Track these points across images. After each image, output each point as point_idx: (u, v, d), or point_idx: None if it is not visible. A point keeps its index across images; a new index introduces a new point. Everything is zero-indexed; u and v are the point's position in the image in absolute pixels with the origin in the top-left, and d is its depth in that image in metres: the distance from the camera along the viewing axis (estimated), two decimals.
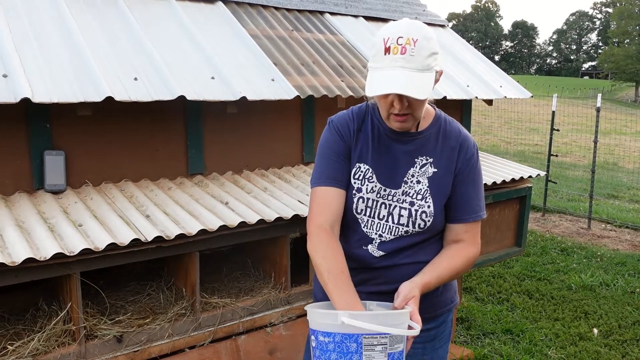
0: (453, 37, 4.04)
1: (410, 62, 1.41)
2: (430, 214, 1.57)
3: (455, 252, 1.61)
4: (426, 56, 1.42)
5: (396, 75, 1.41)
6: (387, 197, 1.59)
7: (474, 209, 1.61)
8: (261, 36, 2.90)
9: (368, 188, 1.59)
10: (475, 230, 1.64)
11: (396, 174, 1.59)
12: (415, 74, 1.41)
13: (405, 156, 1.60)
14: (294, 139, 2.94)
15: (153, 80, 2.22)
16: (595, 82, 60.24)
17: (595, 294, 4.74)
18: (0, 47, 2.05)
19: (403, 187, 1.59)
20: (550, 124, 7.40)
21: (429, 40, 1.42)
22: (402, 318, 1.37)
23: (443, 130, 1.63)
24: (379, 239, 1.61)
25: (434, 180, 1.59)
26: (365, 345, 1.31)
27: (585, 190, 8.29)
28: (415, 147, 1.60)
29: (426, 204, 1.57)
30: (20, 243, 1.76)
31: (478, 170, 1.63)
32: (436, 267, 1.57)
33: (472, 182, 1.61)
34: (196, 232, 2.02)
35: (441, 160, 1.60)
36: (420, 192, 1.58)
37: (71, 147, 2.27)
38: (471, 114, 3.69)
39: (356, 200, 1.60)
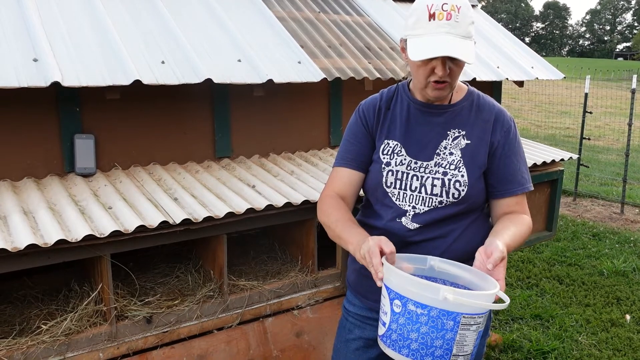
0: (483, 17, 3.95)
1: (456, 28, 1.44)
2: (464, 183, 1.57)
3: (516, 220, 1.58)
4: (469, 23, 1.46)
5: (444, 40, 1.43)
6: (418, 170, 1.59)
7: (520, 181, 1.62)
8: (288, 18, 2.87)
9: (397, 161, 1.61)
10: (524, 201, 1.64)
11: (428, 146, 1.61)
12: (460, 40, 1.45)
13: (437, 128, 1.61)
14: (321, 122, 2.92)
15: (180, 64, 2.22)
16: (629, 64, 58.52)
17: (628, 279, 4.64)
18: (31, 31, 2.07)
19: (435, 159, 1.59)
20: (583, 107, 7.21)
21: (469, 9, 1.47)
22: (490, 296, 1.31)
23: (476, 103, 1.63)
24: (412, 211, 1.60)
25: (467, 151, 1.59)
26: (462, 324, 1.27)
27: (618, 175, 8.09)
28: (448, 119, 1.61)
29: (459, 173, 1.57)
30: (52, 225, 1.79)
31: (518, 142, 1.64)
32: (506, 230, 1.51)
33: (514, 154, 1.61)
34: (224, 215, 2.02)
35: (474, 132, 1.60)
36: (453, 163, 1.58)
37: (101, 130, 2.29)
38: (501, 95, 3.61)
39: (385, 174, 1.62)
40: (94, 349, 1.92)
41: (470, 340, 1.29)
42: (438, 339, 1.26)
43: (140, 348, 2.03)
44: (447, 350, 1.27)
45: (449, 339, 1.26)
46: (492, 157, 1.60)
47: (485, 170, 1.61)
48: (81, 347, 1.90)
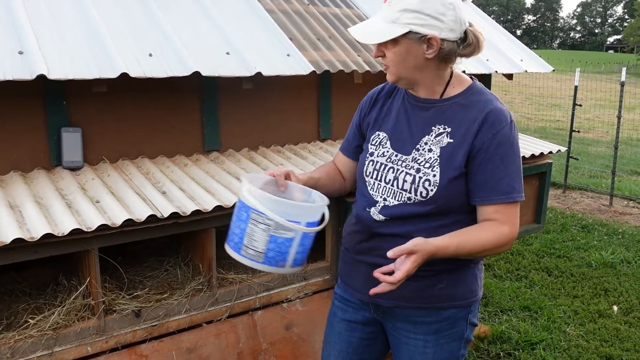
0: (473, 10, 3.95)
1: (385, 11, 1.48)
2: (434, 184, 1.51)
3: (485, 226, 1.52)
4: (397, 10, 1.45)
5: (365, 22, 1.54)
6: (396, 162, 1.59)
7: (502, 190, 1.49)
8: (277, 10, 2.86)
9: (380, 152, 1.63)
10: (509, 211, 1.51)
11: (410, 140, 1.58)
12: (379, 23, 1.49)
13: (423, 123, 1.58)
14: (311, 115, 2.92)
15: (168, 56, 2.21)
16: (620, 56, 58.79)
17: (616, 271, 4.68)
18: (16, 23, 2.05)
19: (413, 154, 1.56)
20: (573, 99, 7.25)
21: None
22: (308, 211, 1.54)
23: (472, 100, 1.55)
24: (382, 203, 1.60)
25: (447, 150, 1.52)
26: (251, 218, 1.49)
27: (607, 167, 8.16)
28: (435, 114, 1.57)
29: (432, 172, 1.52)
30: (39, 219, 1.78)
31: (510, 146, 1.50)
32: (460, 233, 1.50)
33: (500, 159, 1.49)
34: (212, 209, 2.02)
35: (459, 131, 1.52)
36: (429, 161, 1.53)
37: (88, 124, 2.28)
38: (491, 87, 3.62)
39: (367, 163, 1.66)
40: (82, 343, 1.92)
41: (259, 237, 1.49)
42: (237, 227, 1.53)
43: (129, 342, 2.03)
44: (240, 238, 1.52)
45: (242, 229, 1.51)
46: (473, 160, 1.50)
47: (467, 173, 1.53)
48: (69, 342, 1.90)
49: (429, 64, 1.51)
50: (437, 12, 1.44)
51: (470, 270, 1.64)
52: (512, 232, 1.52)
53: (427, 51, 1.48)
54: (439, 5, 1.44)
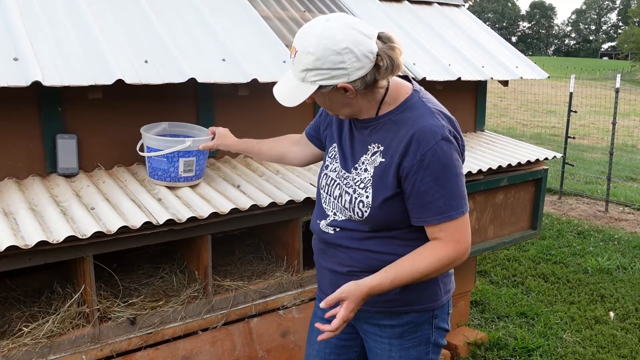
0: (468, 17, 3.97)
1: (292, 68, 1.49)
2: (367, 205, 1.52)
3: (424, 251, 1.51)
4: (300, 70, 1.44)
5: (283, 79, 1.55)
6: (341, 179, 1.61)
7: (438, 210, 1.46)
8: (273, 17, 2.86)
9: (332, 167, 1.66)
10: (452, 228, 1.48)
11: (352, 158, 1.60)
12: (293, 82, 1.49)
13: (361, 142, 1.58)
14: (306, 121, 2.89)
15: (164, 63, 2.20)
16: (614, 63, 59.15)
17: (612, 277, 4.69)
18: (11, 30, 2.05)
19: (352, 173, 1.58)
20: (568, 106, 7.28)
21: (306, 56, 1.40)
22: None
23: (403, 117, 1.51)
24: (333, 217, 1.64)
25: (379, 170, 1.51)
26: None
27: (603, 173, 8.18)
28: (371, 132, 1.56)
29: (365, 193, 1.52)
30: (33, 226, 1.77)
31: (442, 165, 1.44)
32: (395, 267, 1.50)
33: (433, 180, 1.45)
34: (208, 215, 2.01)
35: (389, 150, 1.50)
36: (363, 181, 1.54)
37: (83, 130, 2.27)
38: (486, 95, 3.63)
39: (322, 176, 1.70)
40: (76, 351, 1.90)
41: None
42: None
43: (124, 350, 2.01)
44: None
45: None
46: (404, 181, 1.48)
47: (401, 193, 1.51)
48: (64, 350, 1.88)
49: (356, 99, 1.50)
50: (334, 63, 1.39)
51: None
52: (456, 250, 1.49)
53: (345, 94, 1.47)
54: (334, 57, 1.39)
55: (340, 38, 1.37)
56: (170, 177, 2.18)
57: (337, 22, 1.40)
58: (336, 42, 1.37)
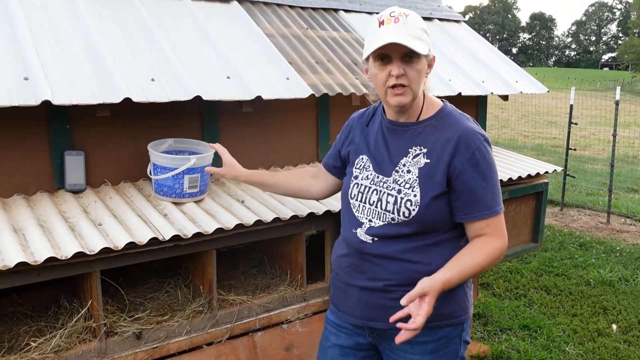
0: (468, 32, 4.02)
1: (403, 29, 1.50)
2: (415, 203, 1.56)
3: (478, 245, 1.59)
4: (418, 28, 1.52)
5: (392, 36, 1.50)
6: (379, 184, 1.64)
7: (487, 205, 1.58)
8: (276, 35, 2.91)
9: (364, 175, 1.69)
10: (497, 222, 1.60)
11: (390, 162, 1.64)
12: (407, 37, 1.50)
13: (400, 146, 1.64)
14: (310, 137, 2.96)
15: (170, 81, 2.25)
16: (615, 74, 59.27)
17: (614, 289, 4.69)
18: (21, 50, 2.09)
19: (394, 176, 1.62)
20: (568, 118, 7.32)
21: (419, 19, 1.54)
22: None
23: (444, 121, 1.62)
24: (368, 224, 1.64)
25: (425, 170, 1.58)
26: None
27: (604, 184, 8.20)
28: (412, 136, 1.63)
29: (412, 192, 1.57)
30: (42, 242, 1.81)
31: (487, 164, 1.58)
32: (458, 262, 1.55)
33: (481, 177, 1.56)
34: (213, 231, 2.04)
35: (435, 151, 1.58)
36: (409, 182, 1.59)
37: (91, 147, 2.31)
38: (486, 109, 3.67)
39: (352, 186, 1.71)
40: None
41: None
42: None
43: None
44: None
45: None
46: (455, 179, 1.57)
47: (449, 192, 1.59)
48: None
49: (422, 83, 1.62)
50: (428, 36, 1.58)
51: (460, 288, 1.67)
52: (503, 243, 1.61)
53: (427, 70, 1.60)
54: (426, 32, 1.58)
55: None
56: (176, 193, 2.21)
57: None
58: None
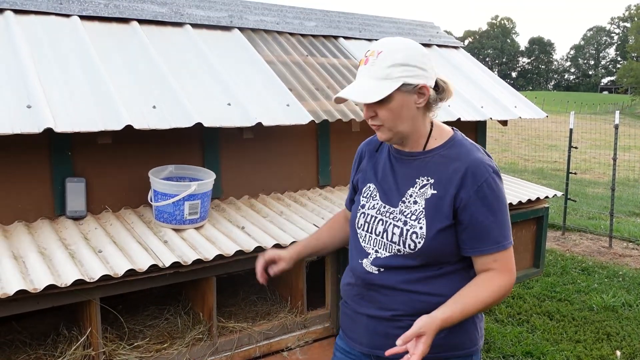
0: (466, 58, 4.07)
1: (369, 70, 1.50)
2: (421, 236, 1.53)
3: (483, 281, 1.54)
4: (386, 66, 1.48)
5: (354, 83, 1.52)
6: (385, 214, 1.61)
7: (494, 239, 1.52)
8: (276, 62, 2.95)
9: (371, 205, 1.65)
10: (505, 257, 1.54)
11: (397, 192, 1.61)
12: (369, 81, 1.49)
13: (407, 175, 1.61)
14: (310, 163, 2.97)
15: (171, 108, 2.27)
16: (614, 97, 59.62)
17: (618, 314, 4.65)
18: (25, 78, 2.12)
19: (400, 206, 1.58)
20: (568, 142, 7.34)
21: (394, 52, 1.49)
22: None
23: (452, 151, 1.58)
24: (374, 254, 1.61)
25: (432, 202, 1.54)
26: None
27: (605, 208, 8.19)
28: (419, 166, 1.60)
29: (418, 225, 1.54)
30: (42, 269, 1.81)
31: (496, 197, 1.52)
32: (460, 298, 1.51)
33: (489, 210, 1.51)
34: (213, 257, 2.04)
35: (442, 182, 1.55)
36: (415, 213, 1.55)
37: (92, 174, 2.32)
38: (486, 134, 3.69)
39: (358, 215, 1.68)
40: None
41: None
42: None
43: None
44: None
45: None
46: (462, 212, 1.52)
47: (456, 225, 1.54)
48: None
49: (418, 114, 1.56)
50: (420, 62, 1.50)
51: (470, 319, 1.64)
52: (511, 279, 1.56)
53: (418, 101, 1.53)
54: (420, 57, 1.50)
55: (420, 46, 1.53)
56: (176, 219, 2.22)
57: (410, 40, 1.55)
58: (420, 47, 1.53)
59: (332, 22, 3.55)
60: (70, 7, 2.63)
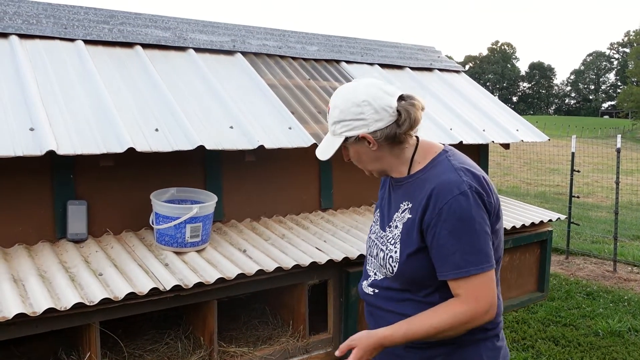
0: (467, 82, 4.09)
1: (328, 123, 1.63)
2: (395, 260, 1.56)
3: (440, 307, 1.50)
4: (330, 124, 1.60)
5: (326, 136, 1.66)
6: (378, 239, 1.67)
7: (455, 264, 1.46)
8: (279, 85, 2.97)
9: (373, 230, 1.74)
10: (470, 285, 1.46)
11: (387, 218, 1.66)
12: (327, 136, 1.64)
13: (395, 200, 1.65)
14: (312, 186, 2.97)
15: (173, 131, 2.28)
16: (615, 122, 59.84)
17: (624, 340, 4.58)
18: (28, 100, 2.13)
19: (387, 231, 1.64)
20: (570, 165, 7.34)
21: (333, 109, 1.58)
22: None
23: (429, 174, 1.56)
24: (373, 277, 1.69)
25: (407, 226, 1.56)
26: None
27: (609, 232, 8.14)
28: (403, 192, 1.62)
29: (394, 249, 1.57)
30: (42, 293, 1.79)
31: (459, 219, 1.46)
32: (409, 320, 1.50)
33: (449, 233, 1.46)
34: (214, 281, 2.02)
35: (415, 206, 1.55)
36: (394, 237, 1.59)
37: (93, 196, 2.32)
38: (488, 157, 3.69)
39: (367, 240, 1.78)
40: None
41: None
42: None
43: None
44: None
45: None
46: (427, 234, 1.51)
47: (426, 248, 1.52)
48: None
49: (381, 152, 1.58)
50: (355, 114, 1.53)
51: (474, 348, 1.58)
52: (473, 309, 1.46)
53: (369, 146, 1.57)
54: (354, 108, 1.53)
55: (361, 92, 1.53)
56: (177, 242, 2.20)
57: (363, 82, 1.57)
58: (356, 96, 1.53)
59: (334, 46, 3.58)
60: (75, 32, 2.66)
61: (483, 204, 1.50)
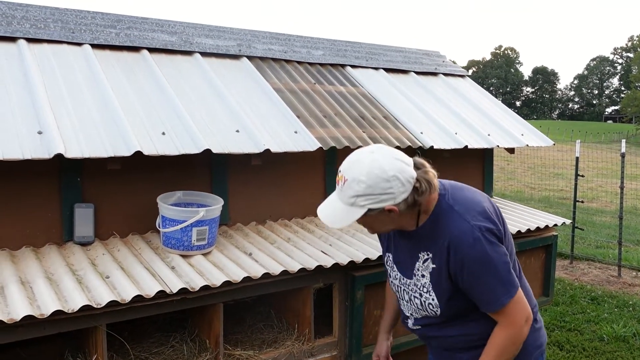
0: (472, 86, 4.10)
1: (340, 194, 1.59)
2: (436, 305, 1.69)
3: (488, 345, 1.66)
4: (350, 196, 1.56)
5: (328, 201, 1.65)
6: (405, 285, 1.77)
7: (487, 302, 1.62)
8: (284, 90, 2.98)
9: (393, 275, 1.82)
10: (505, 313, 1.62)
11: (408, 266, 1.74)
12: (339, 204, 1.59)
13: (410, 251, 1.73)
14: (317, 189, 2.97)
15: (180, 134, 2.29)
16: (619, 126, 59.72)
17: (629, 345, 4.56)
18: (36, 104, 2.15)
19: (413, 279, 1.73)
20: (575, 170, 7.32)
21: (357, 184, 1.54)
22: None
23: (436, 226, 1.64)
24: (412, 317, 1.81)
25: (434, 275, 1.66)
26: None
27: (613, 237, 8.12)
28: (416, 242, 1.70)
29: (430, 297, 1.69)
30: (49, 295, 1.80)
31: (479, 262, 1.58)
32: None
33: (475, 277, 1.60)
34: (220, 284, 2.03)
35: (437, 257, 1.65)
36: (425, 286, 1.69)
37: (100, 199, 2.33)
38: (493, 161, 3.69)
39: (389, 284, 1.88)
40: None
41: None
42: None
43: None
44: None
45: None
46: (456, 281, 1.63)
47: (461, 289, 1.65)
48: None
49: (399, 217, 1.62)
50: (384, 189, 1.54)
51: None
52: (512, 332, 1.63)
53: (389, 215, 1.59)
54: (384, 184, 1.53)
55: (389, 168, 1.53)
56: (184, 245, 2.21)
57: (381, 154, 1.55)
58: (385, 172, 1.53)
59: (339, 50, 3.60)
60: (82, 36, 2.68)
61: (494, 236, 1.61)
